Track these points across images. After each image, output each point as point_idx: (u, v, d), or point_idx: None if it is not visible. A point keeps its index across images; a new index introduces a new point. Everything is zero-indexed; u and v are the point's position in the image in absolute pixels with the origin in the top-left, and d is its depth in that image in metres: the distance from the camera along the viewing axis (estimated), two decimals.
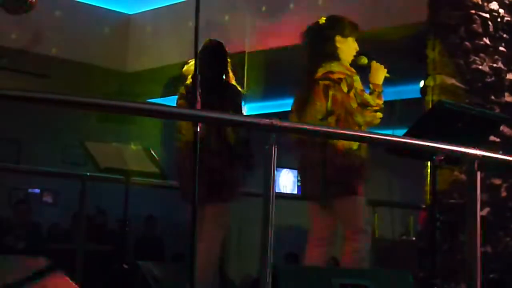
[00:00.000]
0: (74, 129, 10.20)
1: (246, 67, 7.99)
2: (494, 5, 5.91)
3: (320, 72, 4.34)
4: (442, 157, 3.95)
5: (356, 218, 4.29)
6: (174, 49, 8.77)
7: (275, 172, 2.96)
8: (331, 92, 4.27)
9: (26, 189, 11.43)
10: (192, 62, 4.91)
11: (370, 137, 3.63)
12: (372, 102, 4.28)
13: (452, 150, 3.50)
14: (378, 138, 3.48)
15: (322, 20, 4.53)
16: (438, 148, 3.49)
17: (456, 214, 5.35)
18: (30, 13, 7.43)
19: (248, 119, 3.35)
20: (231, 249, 9.88)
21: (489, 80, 5.84)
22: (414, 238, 7.78)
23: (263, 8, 8.25)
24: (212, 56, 4.84)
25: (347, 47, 4.49)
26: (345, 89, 4.26)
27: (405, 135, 3.77)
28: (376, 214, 7.22)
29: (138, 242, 10.32)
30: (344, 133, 3.69)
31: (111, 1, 9.66)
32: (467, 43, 5.76)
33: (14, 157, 10.87)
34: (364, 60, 4.52)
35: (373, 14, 7.54)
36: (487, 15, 5.87)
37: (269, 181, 2.93)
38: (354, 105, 4.25)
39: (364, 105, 4.26)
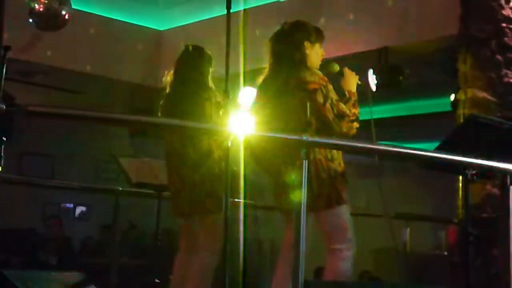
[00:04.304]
0: (106, 145, 10.29)
1: None
2: None
3: (293, 82, 4.06)
4: (475, 171, 3.90)
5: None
6: None
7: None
8: (308, 104, 4.00)
9: (59, 203, 11.53)
10: (171, 73, 4.96)
11: (402, 152, 3.60)
12: (348, 112, 4.05)
13: (484, 165, 3.48)
14: (410, 153, 3.47)
15: (287, 25, 4.26)
16: (470, 163, 3.47)
17: (489, 228, 5.30)
18: (64, 30, 7.54)
19: (278, 134, 3.35)
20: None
21: None
22: (446, 253, 7.73)
23: None
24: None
25: (315, 54, 4.23)
26: (320, 100, 4.00)
27: (437, 149, 3.75)
28: (409, 228, 7.18)
29: (170, 256, 10.33)
30: (375, 148, 3.56)
31: (143, 18, 9.77)
32: (498, 56, 5.73)
33: (47, 172, 10.99)
34: (336, 67, 4.27)
35: (404, 28, 7.53)
36: None
37: (302, 195, 2.93)
38: (331, 116, 3.99)
39: (340, 115, 4.01)
